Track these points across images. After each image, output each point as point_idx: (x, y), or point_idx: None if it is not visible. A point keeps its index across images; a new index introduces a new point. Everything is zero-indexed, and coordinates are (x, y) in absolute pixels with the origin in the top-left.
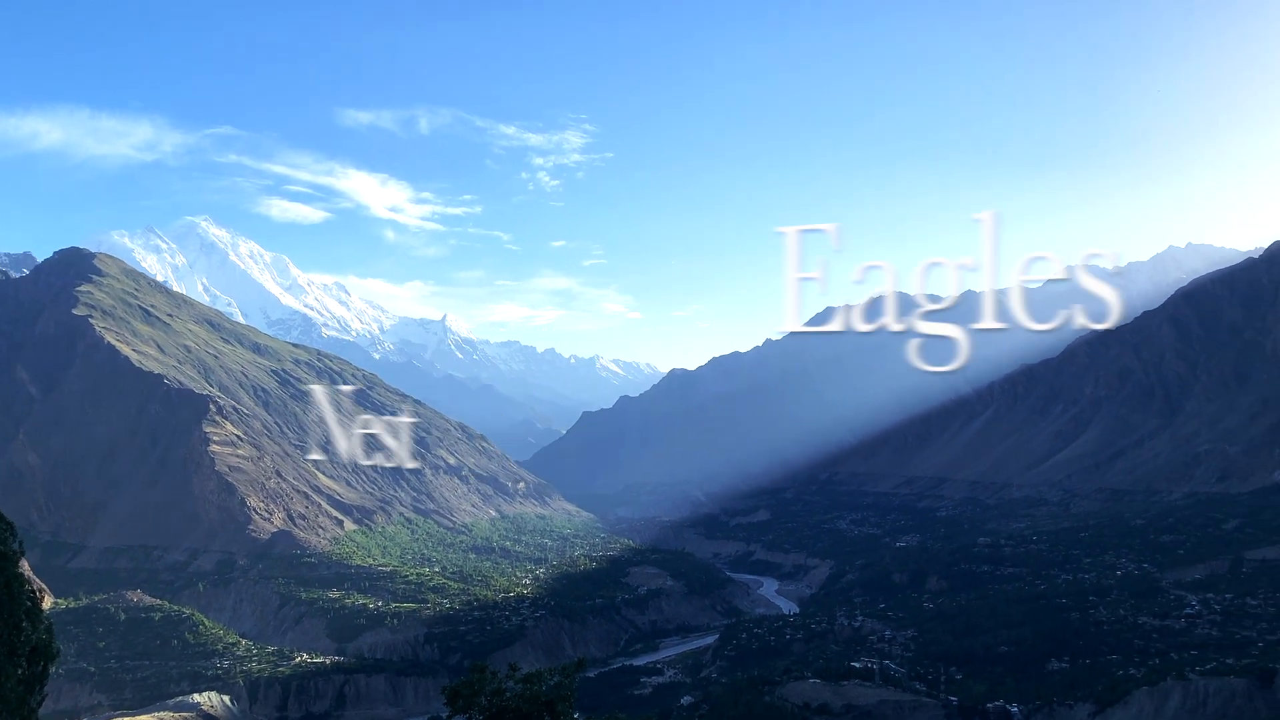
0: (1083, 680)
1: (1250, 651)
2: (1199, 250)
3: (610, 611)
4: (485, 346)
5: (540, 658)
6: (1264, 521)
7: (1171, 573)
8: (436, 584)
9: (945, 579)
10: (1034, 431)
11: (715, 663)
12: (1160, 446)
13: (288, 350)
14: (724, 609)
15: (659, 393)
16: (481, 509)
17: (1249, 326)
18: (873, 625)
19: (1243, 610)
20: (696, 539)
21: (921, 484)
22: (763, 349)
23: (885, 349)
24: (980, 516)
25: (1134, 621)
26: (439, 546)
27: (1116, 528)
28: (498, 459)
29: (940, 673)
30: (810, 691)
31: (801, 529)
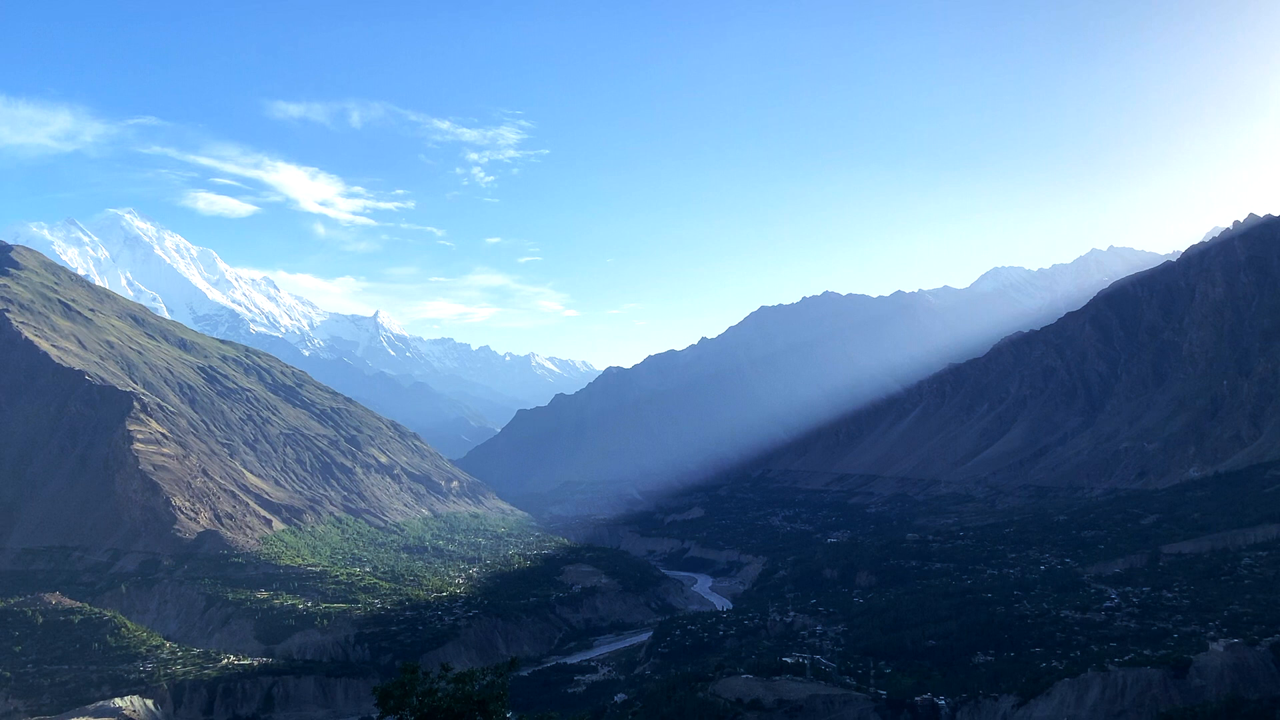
0: (1007, 672)
1: (1166, 642)
2: (1120, 253)
3: (544, 610)
4: (418, 344)
5: (473, 657)
6: (1180, 517)
7: (1092, 567)
8: (368, 584)
9: (875, 574)
10: (961, 429)
11: (649, 660)
12: (1082, 444)
13: (215, 347)
14: (658, 606)
15: (595, 391)
16: (414, 508)
17: (1167, 328)
18: (804, 620)
19: (1159, 603)
20: (631, 536)
21: (852, 481)
22: (698, 348)
23: (818, 348)
24: (909, 512)
25: (1057, 615)
26: (370, 546)
27: (1040, 523)
28: (431, 457)
29: (870, 667)
30: (743, 687)
31: (735, 526)
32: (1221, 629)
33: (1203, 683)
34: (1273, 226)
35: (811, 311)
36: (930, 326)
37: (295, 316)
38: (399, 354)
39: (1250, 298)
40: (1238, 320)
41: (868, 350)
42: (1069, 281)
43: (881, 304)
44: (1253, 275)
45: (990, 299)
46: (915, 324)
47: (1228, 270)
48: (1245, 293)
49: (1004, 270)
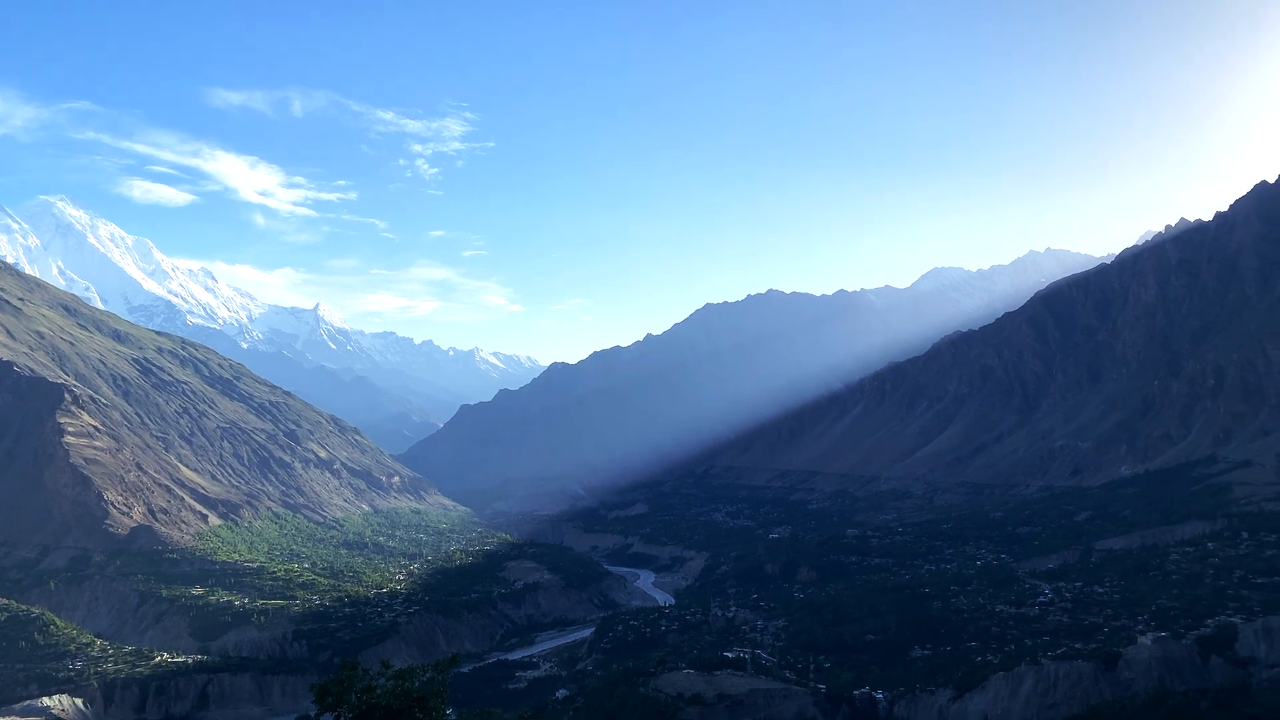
0: (944, 666)
1: (1097, 636)
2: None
3: (486, 606)
4: (360, 337)
5: (414, 654)
6: (1112, 514)
7: (1027, 562)
8: (306, 580)
9: (815, 569)
10: (901, 427)
11: (591, 655)
12: (1018, 442)
13: (150, 338)
14: (601, 602)
15: (539, 386)
16: (354, 503)
17: (1101, 328)
18: (746, 615)
19: (1091, 598)
20: (575, 533)
21: (794, 477)
22: (644, 344)
23: (762, 345)
24: (849, 509)
25: (992, 609)
26: (309, 542)
27: (977, 520)
28: (372, 452)
29: (810, 661)
30: (684, 682)
31: (678, 522)
32: (1150, 623)
33: (1131, 675)
34: (1203, 231)
35: (756, 309)
36: (872, 325)
37: (233, 308)
38: (340, 347)
39: (1181, 300)
40: (1169, 322)
41: (811, 348)
42: (1007, 282)
43: (825, 302)
44: (1183, 278)
45: (930, 298)
46: (857, 322)
47: (1159, 273)
48: (1176, 295)
49: (944, 270)
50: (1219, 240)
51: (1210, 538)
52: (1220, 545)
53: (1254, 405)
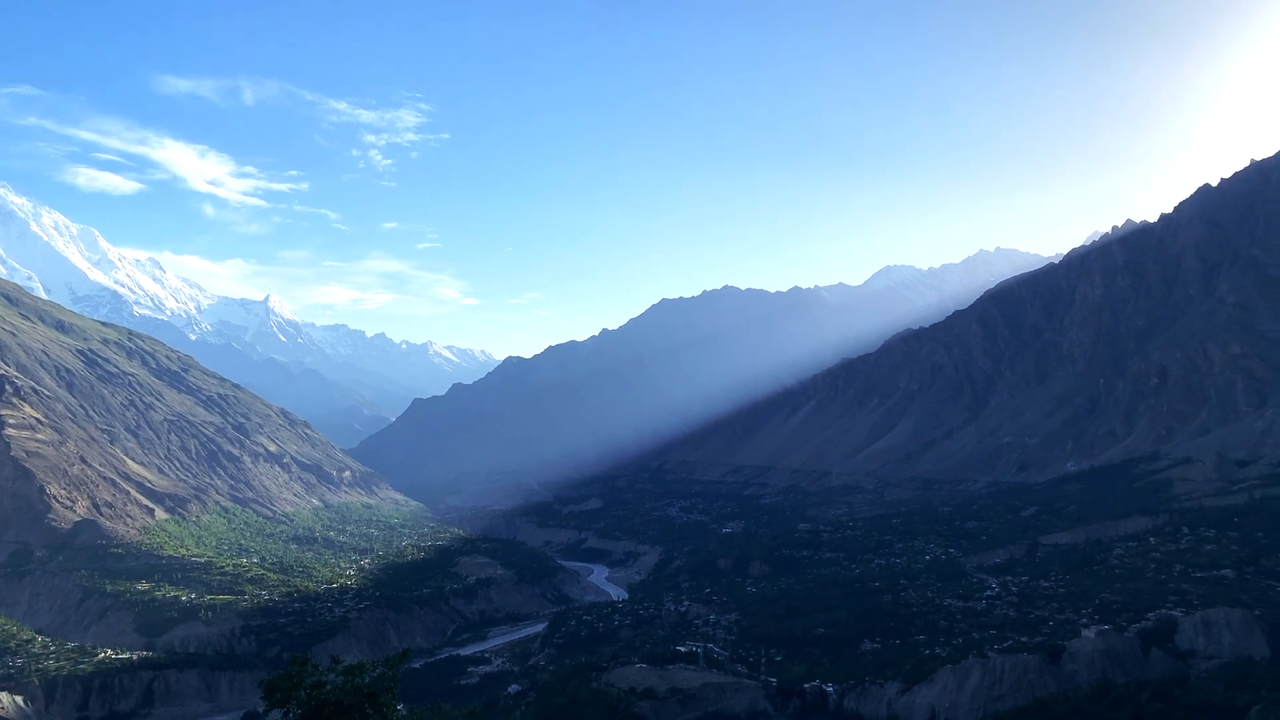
0: (893, 660)
1: (1042, 630)
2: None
3: (438, 601)
4: (311, 330)
5: (364, 649)
6: (1057, 509)
7: (975, 557)
8: (255, 575)
9: (768, 564)
10: (852, 423)
11: (544, 650)
12: (967, 438)
13: (95, 329)
14: (554, 597)
15: (494, 381)
16: (304, 498)
17: (1048, 327)
18: (698, 610)
19: (1037, 592)
20: (529, 527)
21: (748, 472)
22: (599, 339)
23: (717, 341)
24: (802, 503)
25: (940, 603)
26: (258, 536)
27: (926, 515)
28: (322, 446)
29: (761, 655)
30: (636, 676)
31: (632, 516)
32: (1094, 616)
33: (1075, 668)
34: (1148, 232)
35: (712, 305)
36: (825, 322)
37: (182, 299)
38: (290, 340)
39: (1126, 300)
40: (1114, 321)
41: (765, 344)
42: (957, 281)
43: (779, 299)
44: (1129, 278)
45: (882, 296)
46: (811, 319)
47: (1106, 273)
48: (1122, 295)
49: (896, 269)
50: (1163, 242)
51: (1152, 533)
52: (1161, 540)
53: (1195, 404)
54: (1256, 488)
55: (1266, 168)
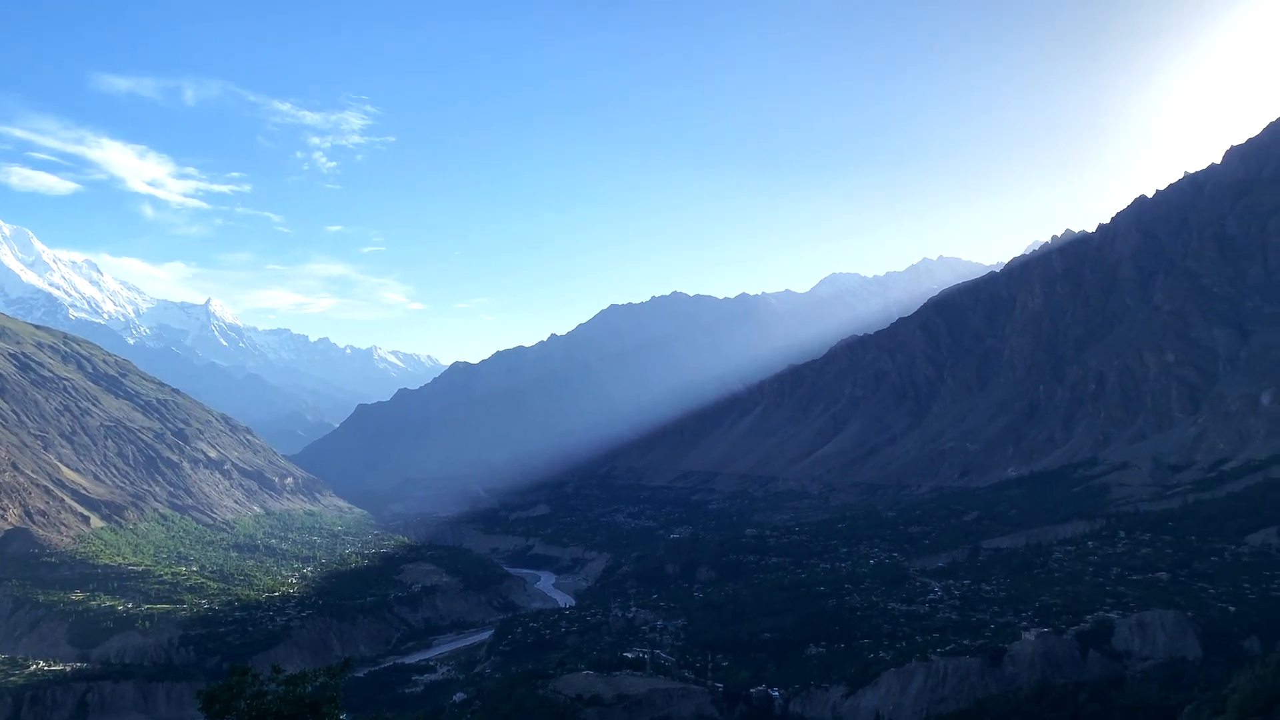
0: (838, 663)
1: (984, 633)
2: (949, 263)
3: (382, 609)
4: (253, 334)
5: (307, 658)
6: (999, 514)
7: (918, 561)
8: (194, 584)
9: (715, 569)
10: (799, 428)
11: (490, 658)
12: (910, 444)
13: (29, 332)
14: (500, 604)
15: (439, 386)
16: (245, 505)
17: (990, 334)
18: (645, 616)
19: (978, 595)
20: (475, 534)
21: (696, 478)
22: (547, 344)
23: (665, 347)
24: (749, 509)
25: (884, 607)
26: (198, 544)
27: (870, 519)
28: (264, 453)
29: (708, 660)
30: (583, 683)
31: (580, 523)
32: (1033, 619)
33: (1016, 670)
34: (1086, 242)
35: (660, 311)
36: (772, 328)
37: (120, 302)
38: (232, 344)
39: (1065, 308)
40: (1053, 329)
41: (713, 350)
42: (901, 288)
43: (727, 305)
44: (1068, 287)
45: (828, 303)
46: (758, 325)
47: (1045, 282)
48: (1061, 303)
49: (842, 276)
50: (1101, 251)
51: (1090, 537)
52: (1099, 544)
53: (1132, 410)
54: (1190, 492)
55: (1199, 180)
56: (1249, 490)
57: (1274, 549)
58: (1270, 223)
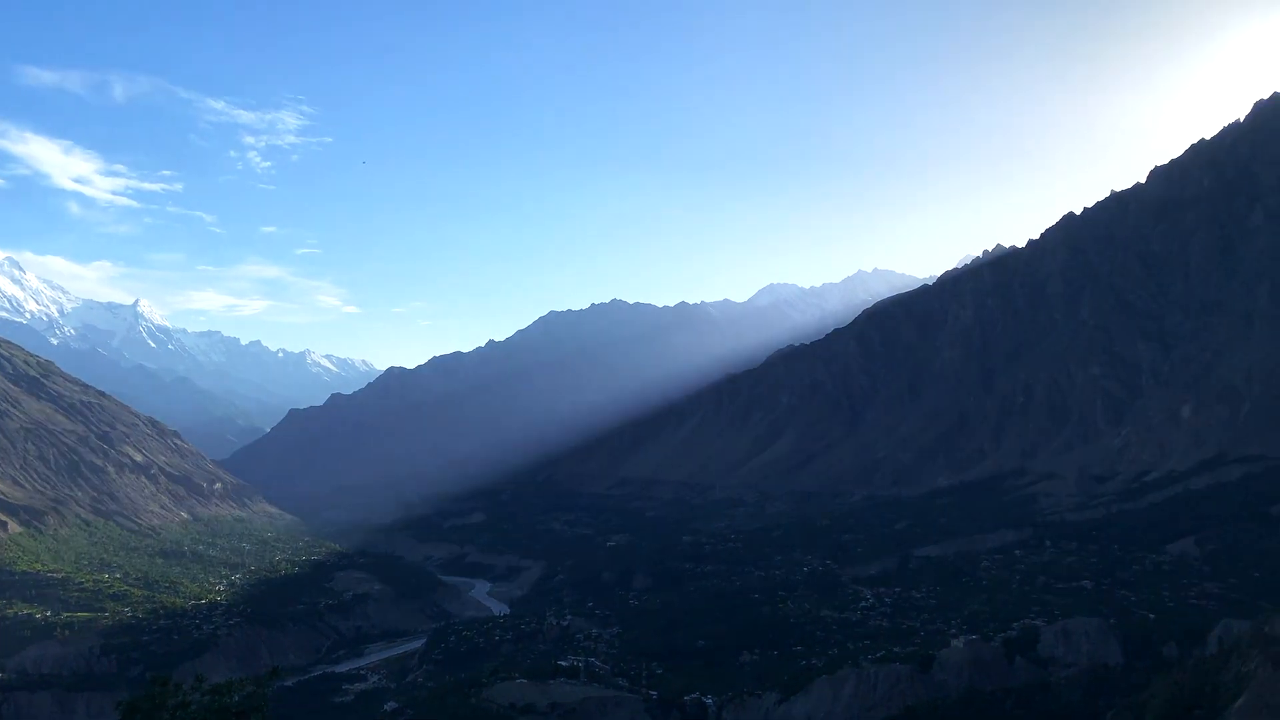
0: (771, 671)
1: (914, 640)
2: (883, 275)
3: (312, 618)
4: (183, 336)
5: (234, 667)
6: (929, 522)
7: (851, 569)
8: (117, 591)
9: (651, 577)
10: (736, 437)
11: (422, 667)
12: (844, 453)
13: None
14: (434, 612)
15: (374, 391)
16: (172, 511)
17: (922, 346)
18: (581, 624)
19: (909, 602)
20: (409, 542)
21: (634, 485)
22: (485, 350)
23: (605, 354)
24: (686, 516)
25: (817, 614)
26: (122, 551)
27: (805, 527)
28: (193, 457)
29: (643, 668)
30: (517, 692)
31: (516, 530)
32: (962, 626)
33: (945, 676)
34: (1016, 257)
35: (600, 318)
36: (711, 337)
37: (43, 301)
38: (160, 346)
39: (995, 321)
40: (984, 342)
41: (652, 358)
42: (837, 300)
43: (666, 313)
44: (998, 301)
45: (766, 313)
46: (697, 334)
47: (976, 295)
48: (991, 317)
49: (779, 286)
50: (1030, 266)
51: (1018, 545)
52: (1026, 553)
53: (1058, 421)
54: (1113, 502)
55: (1125, 198)
56: (1169, 501)
57: (1192, 558)
58: (1191, 241)
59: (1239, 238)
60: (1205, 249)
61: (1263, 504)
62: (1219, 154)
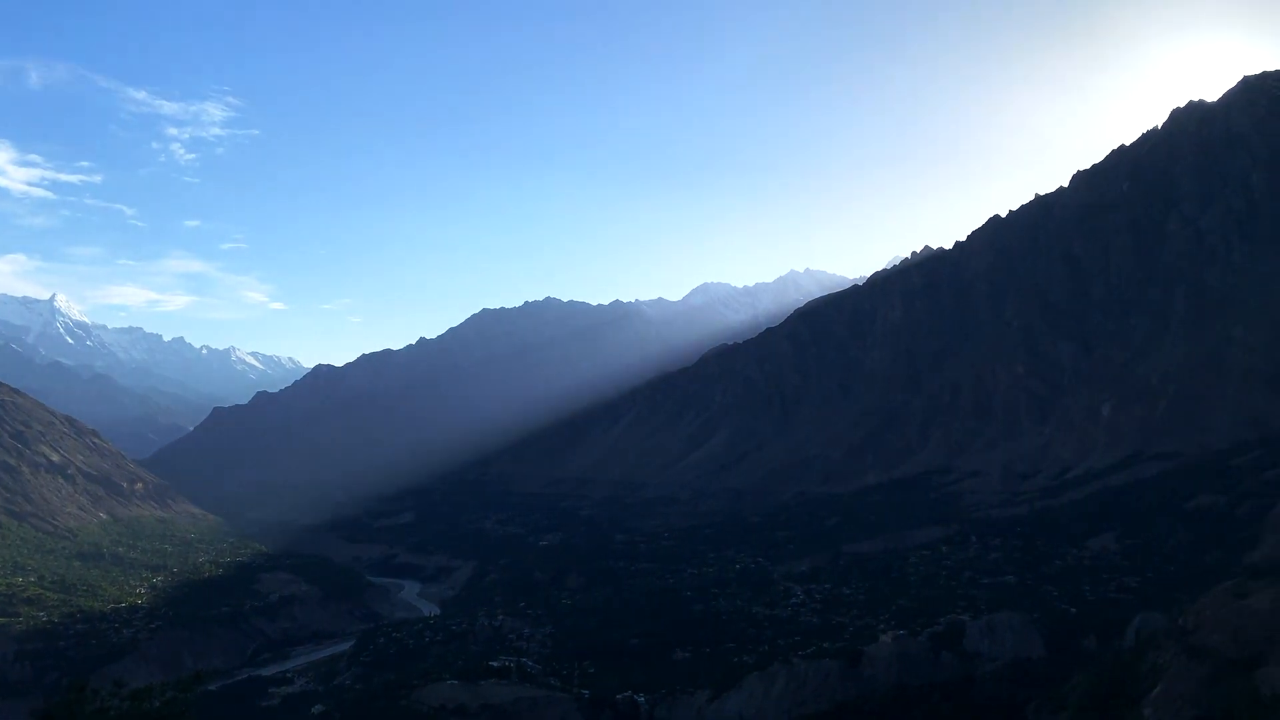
0: (704, 668)
1: (843, 635)
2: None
3: (238, 620)
4: (102, 332)
5: (155, 672)
6: (859, 518)
7: (782, 565)
8: (31, 595)
9: (584, 576)
10: (670, 435)
11: (350, 669)
12: (777, 450)
13: None
14: (363, 614)
15: (302, 389)
16: (90, 512)
17: (853, 345)
18: (513, 624)
19: (839, 599)
20: (337, 542)
21: (567, 484)
22: (416, 348)
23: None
24: (620, 515)
25: (749, 611)
26: (37, 553)
27: (737, 525)
28: (112, 457)
29: (575, 667)
30: (447, 693)
31: (447, 530)
32: (890, 622)
33: (873, 671)
34: (943, 258)
35: (533, 316)
36: (645, 336)
37: None
38: (78, 342)
39: (923, 321)
40: (912, 341)
41: (587, 356)
42: (770, 299)
43: (601, 312)
44: (926, 301)
45: (700, 312)
46: (632, 333)
47: (905, 296)
48: (919, 317)
49: (713, 286)
50: (957, 267)
51: (944, 541)
52: (952, 549)
53: (983, 420)
54: (1037, 499)
55: (1049, 202)
56: (1090, 497)
57: (1112, 553)
58: (1113, 244)
59: (1157, 242)
60: (1125, 252)
61: (1178, 500)
62: (1138, 160)
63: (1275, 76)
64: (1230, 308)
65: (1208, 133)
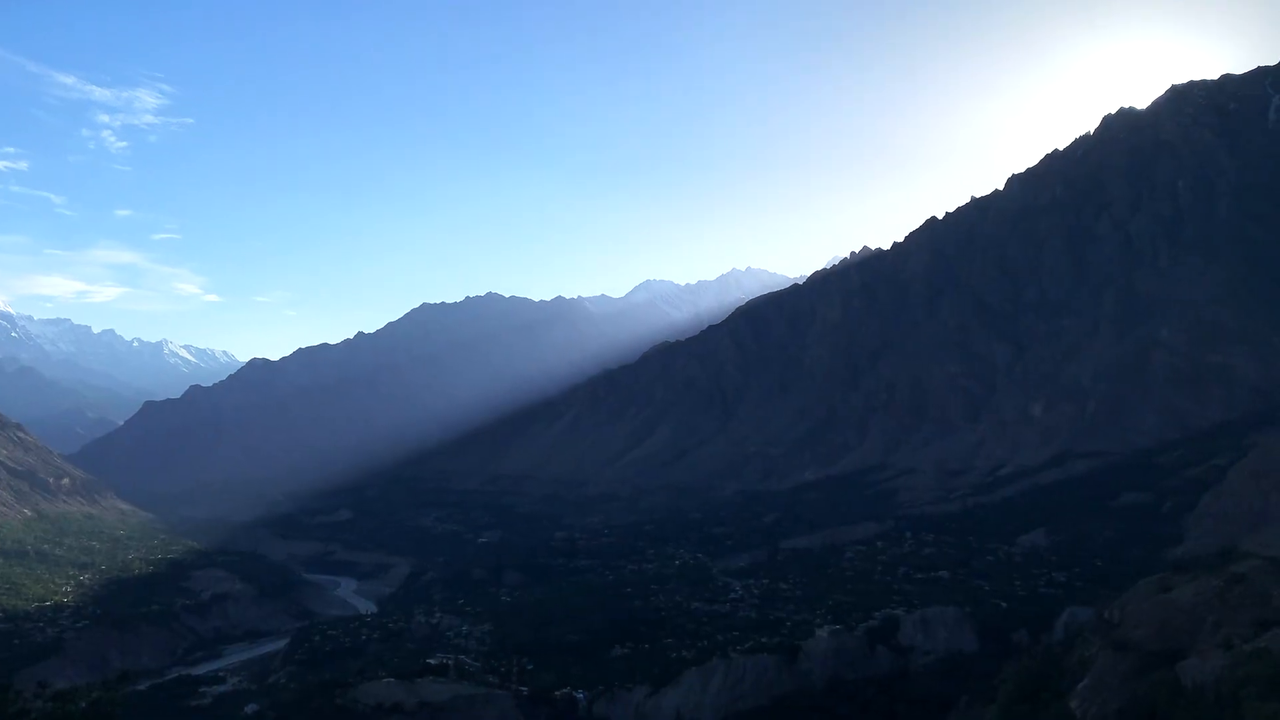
0: (642, 664)
1: (781, 630)
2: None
3: (168, 619)
4: (28, 323)
5: (81, 672)
6: (797, 515)
7: (721, 561)
8: None
9: (523, 573)
10: (611, 432)
11: (285, 668)
12: (717, 447)
13: None
14: (297, 612)
15: (236, 383)
16: (14, 507)
17: (792, 343)
18: (451, 621)
19: (777, 593)
20: (271, 539)
21: (507, 481)
22: (354, 342)
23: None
24: (559, 512)
25: (688, 607)
26: None
27: (677, 521)
28: (37, 451)
29: (514, 664)
30: (384, 691)
31: (384, 527)
32: (827, 616)
33: (810, 666)
34: (882, 259)
35: (474, 311)
36: (587, 332)
37: None
38: (3, 334)
39: (861, 321)
40: (850, 340)
41: (528, 352)
42: (712, 297)
43: (543, 308)
44: (864, 301)
45: (643, 309)
46: (574, 329)
47: (844, 295)
48: (857, 316)
49: (656, 283)
50: (895, 268)
51: (880, 537)
52: (888, 544)
53: (919, 418)
54: (969, 496)
55: (984, 204)
56: (1021, 494)
57: (1042, 549)
58: (1045, 246)
59: (1088, 244)
60: (1057, 254)
61: (1106, 497)
62: (1070, 164)
63: (1202, 85)
64: (1157, 310)
65: (1137, 139)
